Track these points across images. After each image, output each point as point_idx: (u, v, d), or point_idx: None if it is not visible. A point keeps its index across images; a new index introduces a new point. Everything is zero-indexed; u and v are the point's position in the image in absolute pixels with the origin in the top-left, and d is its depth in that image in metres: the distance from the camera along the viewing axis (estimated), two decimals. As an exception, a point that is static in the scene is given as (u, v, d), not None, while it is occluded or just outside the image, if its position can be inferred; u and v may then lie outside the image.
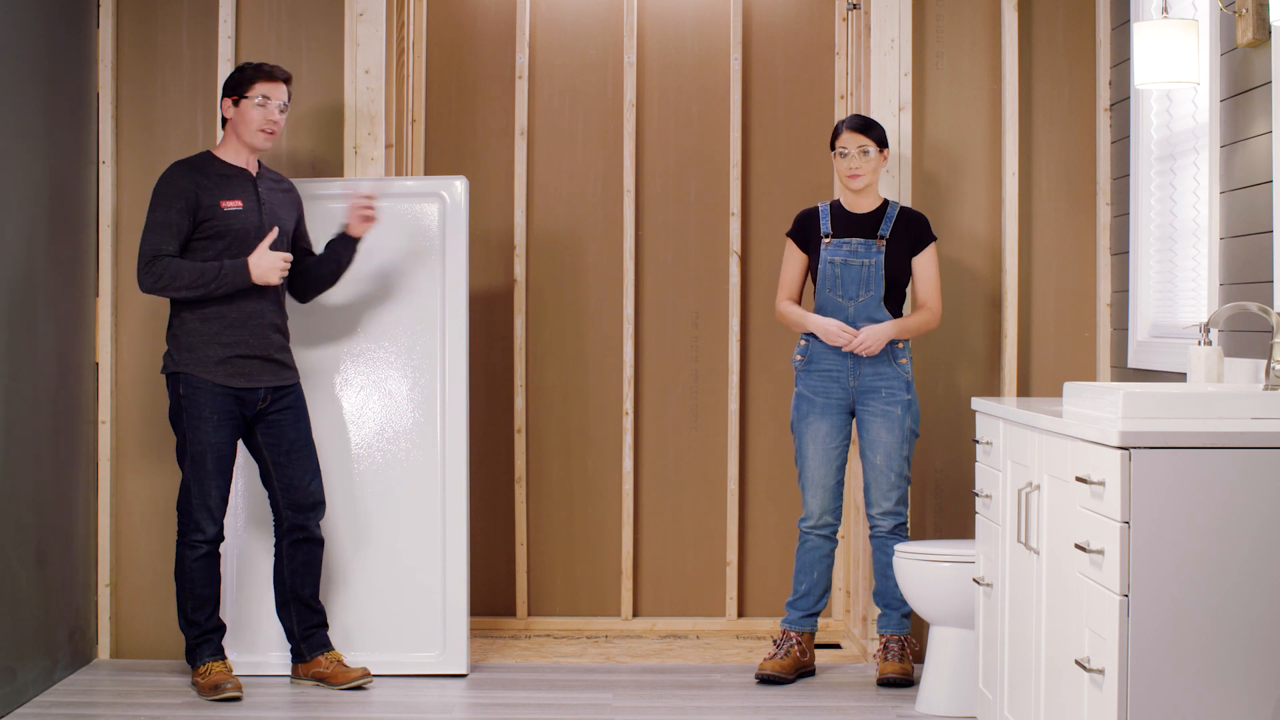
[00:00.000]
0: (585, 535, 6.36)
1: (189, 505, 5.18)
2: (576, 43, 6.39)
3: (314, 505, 5.33)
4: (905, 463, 5.40)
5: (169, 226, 5.13)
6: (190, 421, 5.16)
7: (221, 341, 5.16)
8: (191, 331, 5.16)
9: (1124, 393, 3.44)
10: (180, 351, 5.18)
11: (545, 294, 6.37)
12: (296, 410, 5.31)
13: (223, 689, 5.13)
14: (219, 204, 5.16)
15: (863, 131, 5.39)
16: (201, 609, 5.21)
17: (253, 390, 5.20)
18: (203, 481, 5.17)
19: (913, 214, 5.45)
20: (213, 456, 5.17)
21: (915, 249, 5.42)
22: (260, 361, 5.21)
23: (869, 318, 5.39)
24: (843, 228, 5.46)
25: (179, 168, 5.21)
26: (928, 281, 5.43)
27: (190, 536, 5.19)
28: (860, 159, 5.39)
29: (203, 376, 5.15)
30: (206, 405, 5.15)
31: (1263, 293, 4.35)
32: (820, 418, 5.44)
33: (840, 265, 5.42)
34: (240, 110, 5.20)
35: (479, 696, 5.26)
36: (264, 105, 5.19)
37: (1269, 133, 4.33)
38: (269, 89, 5.19)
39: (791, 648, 5.47)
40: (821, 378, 5.44)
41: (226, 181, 5.20)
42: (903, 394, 5.38)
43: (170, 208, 5.13)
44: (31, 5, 5.16)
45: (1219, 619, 3.21)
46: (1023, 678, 4.06)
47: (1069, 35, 5.81)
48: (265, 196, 5.25)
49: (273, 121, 5.20)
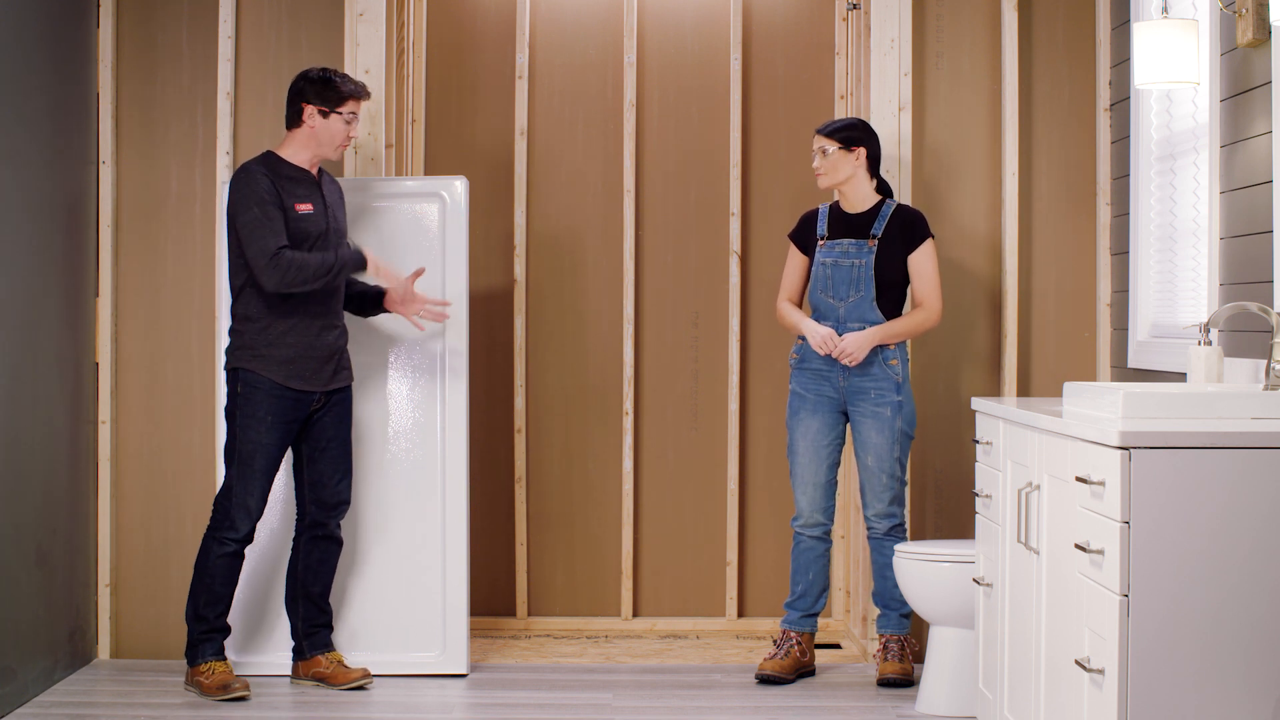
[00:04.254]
0: (585, 535, 6.36)
1: (228, 502, 5.18)
2: (576, 43, 6.40)
3: (338, 504, 5.33)
4: (897, 464, 5.39)
5: (272, 221, 5.11)
6: (244, 420, 5.16)
7: (287, 342, 5.16)
8: (258, 331, 5.16)
9: (1124, 393, 3.44)
10: (243, 349, 5.17)
11: (545, 294, 6.37)
12: (343, 409, 5.33)
13: (231, 688, 5.13)
14: (294, 207, 5.18)
15: (820, 131, 5.44)
16: (214, 606, 5.21)
17: (310, 394, 5.21)
18: (247, 481, 5.17)
19: (908, 212, 5.45)
20: (262, 458, 5.16)
21: (910, 247, 5.41)
22: (320, 363, 5.22)
23: (861, 318, 5.38)
24: (838, 229, 5.46)
25: (256, 168, 5.18)
26: (924, 279, 5.42)
27: (223, 533, 5.18)
28: (820, 159, 5.42)
29: (264, 374, 5.14)
30: (263, 405, 5.15)
31: (1263, 293, 4.35)
32: (811, 415, 5.45)
33: (831, 266, 5.43)
34: (329, 123, 5.21)
35: (479, 696, 5.26)
36: (350, 122, 5.24)
37: (1269, 133, 4.33)
38: (358, 107, 5.26)
39: (791, 648, 5.47)
40: (813, 376, 5.45)
41: (296, 184, 5.22)
42: (892, 395, 5.37)
43: (265, 204, 5.11)
44: (31, 5, 5.16)
45: (1219, 619, 3.21)
46: (1023, 678, 4.06)
47: (1069, 35, 5.81)
48: (329, 199, 5.29)
49: (352, 138, 5.27)
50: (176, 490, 5.68)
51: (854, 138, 5.41)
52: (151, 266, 5.72)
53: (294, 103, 5.23)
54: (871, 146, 5.43)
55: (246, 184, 5.15)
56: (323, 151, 5.25)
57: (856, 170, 5.43)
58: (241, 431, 5.17)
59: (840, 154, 5.41)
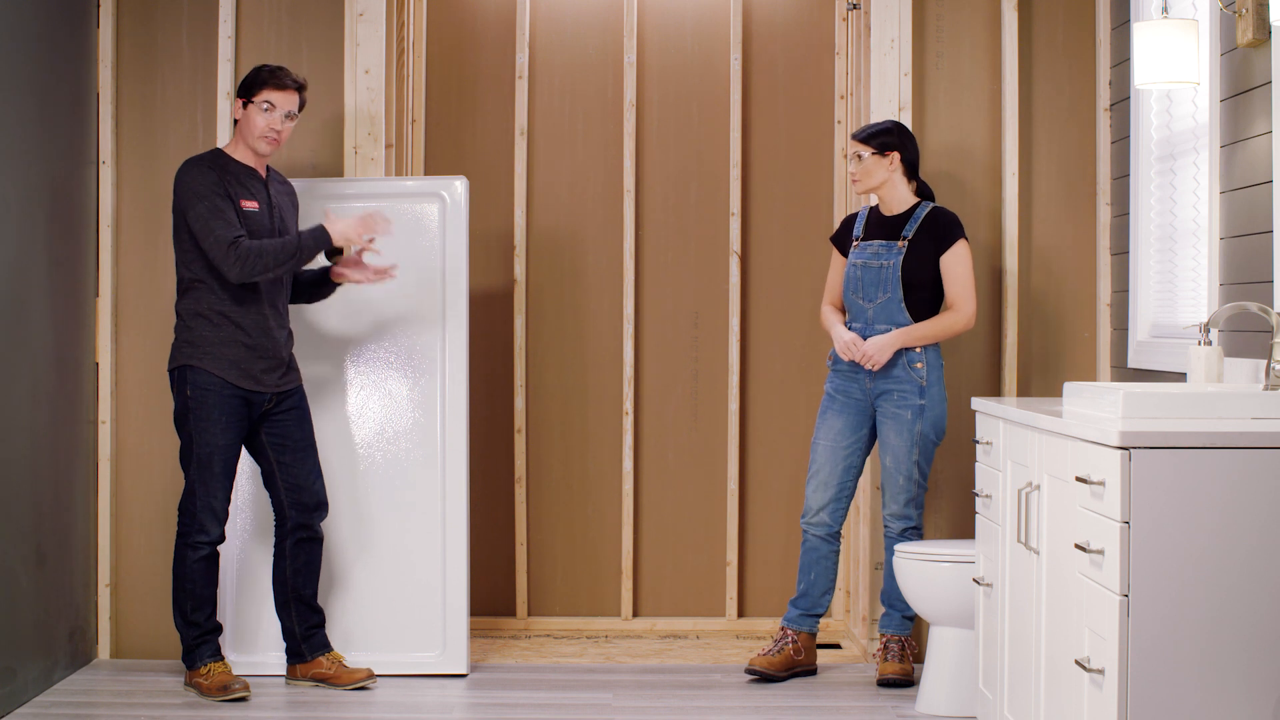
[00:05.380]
0: (585, 535, 6.36)
1: (193, 507, 5.16)
2: (576, 43, 6.39)
3: (318, 505, 5.33)
4: (915, 467, 5.39)
5: (224, 212, 5.05)
6: (198, 423, 5.13)
7: (238, 341, 5.13)
8: (203, 333, 5.13)
9: (1124, 393, 3.44)
10: (192, 345, 5.13)
11: (545, 294, 6.37)
12: (301, 411, 5.31)
13: (231, 689, 5.13)
14: (239, 202, 5.14)
15: (855, 137, 5.45)
16: (201, 609, 5.20)
17: (260, 393, 5.20)
18: (209, 484, 5.15)
19: (941, 214, 5.43)
20: (220, 459, 5.14)
21: (941, 248, 5.40)
22: (268, 364, 5.19)
23: (889, 320, 5.39)
24: (873, 231, 5.48)
25: (200, 163, 5.14)
26: (954, 281, 5.40)
27: (194, 537, 5.17)
28: (855, 164, 5.43)
29: (214, 373, 5.11)
30: (215, 407, 5.12)
31: (1263, 293, 4.35)
32: (837, 415, 5.46)
33: (861, 268, 5.44)
34: (246, 114, 5.16)
35: (479, 696, 5.26)
36: (269, 111, 5.15)
37: (1269, 133, 4.33)
38: (276, 96, 5.14)
39: (786, 645, 5.47)
40: (843, 377, 5.47)
41: (242, 181, 5.18)
42: (914, 398, 5.37)
43: (214, 195, 5.05)
44: (31, 5, 5.16)
45: (1219, 619, 3.21)
46: (1023, 678, 4.06)
47: (1069, 35, 5.81)
48: (275, 199, 5.25)
49: (275, 130, 5.15)
50: (176, 490, 5.68)
51: (888, 143, 5.41)
52: (151, 266, 5.72)
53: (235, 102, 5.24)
54: (907, 150, 5.43)
55: (190, 178, 5.09)
56: (251, 145, 5.17)
57: (891, 175, 5.43)
58: (197, 435, 5.12)
59: (874, 159, 5.41)
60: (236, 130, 5.21)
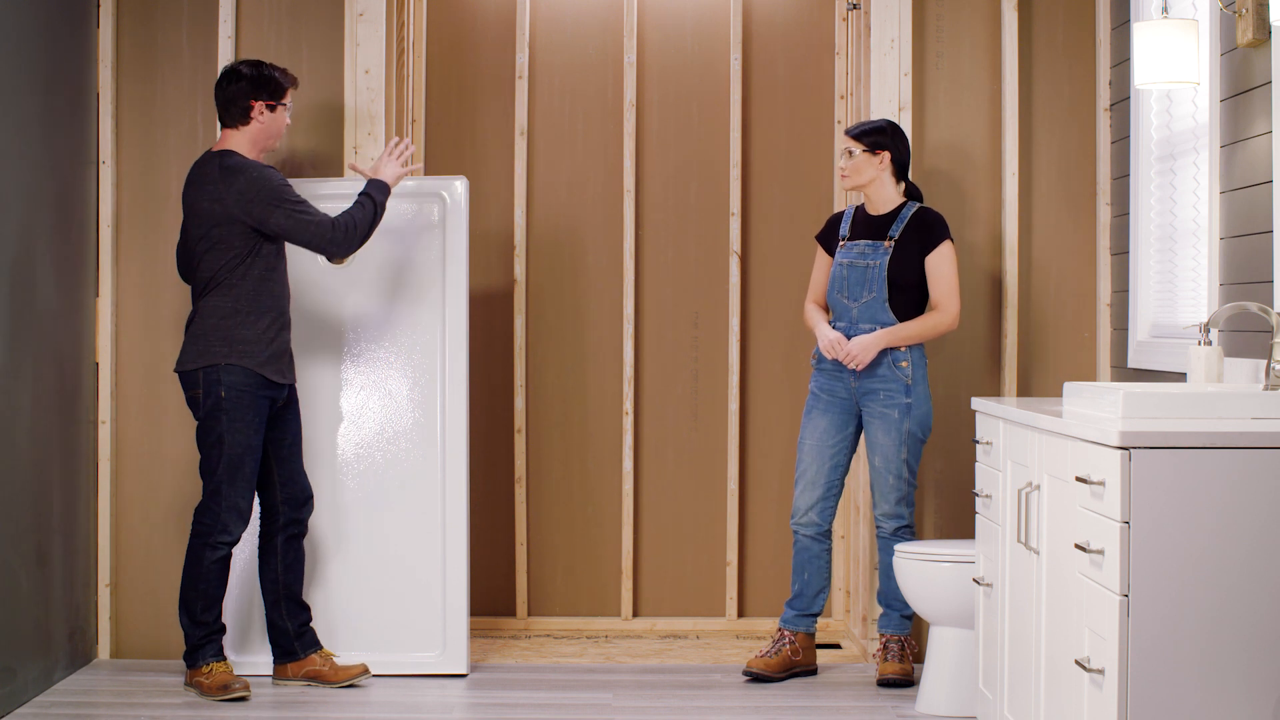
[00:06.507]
0: (585, 535, 6.36)
1: (218, 508, 5.14)
2: (576, 43, 6.40)
3: (306, 500, 5.35)
4: (904, 465, 5.39)
5: (305, 200, 5.16)
6: (231, 423, 5.11)
7: (267, 339, 5.15)
8: (239, 331, 5.11)
9: (1124, 393, 3.44)
10: (226, 344, 5.11)
11: (545, 294, 6.37)
12: (296, 407, 5.35)
13: (232, 689, 5.13)
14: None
15: (848, 133, 5.46)
16: (210, 609, 5.19)
17: (282, 387, 5.22)
18: (237, 484, 5.14)
19: (927, 214, 5.44)
20: (250, 459, 5.15)
21: (926, 249, 5.40)
22: (289, 357, 5.25)
23: (873, 319, 5.39)
24: (860, 230, 5.48)
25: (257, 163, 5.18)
26: (939, 281, 5.41)
27: (215, 537, 5.14)
28: (845, 159, 5.43)
29: (252, 369, 5.12)
30: (250, 406, 5.12)
31: (1263, 293, 4.35)
32: (822, 415, 5.46)
33: (847, 267, 5.44)
34: (276, 115, 5.23)
35: (479, 696, 5.26)
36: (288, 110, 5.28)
37: (1269, 133, 4.33)
38: (292, 96, 5.30)
39: (783, 646, 5.47)
40: (828, 376, 5.47)
41: None
42: (900, 397, 5.37)
43: (290, 187, 5.15)
44: (31, 5, 5.16)
45: (1219, 619, 3.21)
46: (1023, 678, 4.06)
47: (1069, 35, 5.81)
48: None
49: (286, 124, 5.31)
50: (177, 490, 5.68)
51: (880, 142, 5.41)
52: (151, 266, 5.72)
53: (238, 101, 5.19)
54: (898, 151, 5.43)
55: (270, 174, 5.15)
56: (270, 144, 5.26)
57: (880, 174, 5.43)
58: (230, 435, 5.11)
59: (865, 157, 5.42)
60: (248, 130, 5.21)
